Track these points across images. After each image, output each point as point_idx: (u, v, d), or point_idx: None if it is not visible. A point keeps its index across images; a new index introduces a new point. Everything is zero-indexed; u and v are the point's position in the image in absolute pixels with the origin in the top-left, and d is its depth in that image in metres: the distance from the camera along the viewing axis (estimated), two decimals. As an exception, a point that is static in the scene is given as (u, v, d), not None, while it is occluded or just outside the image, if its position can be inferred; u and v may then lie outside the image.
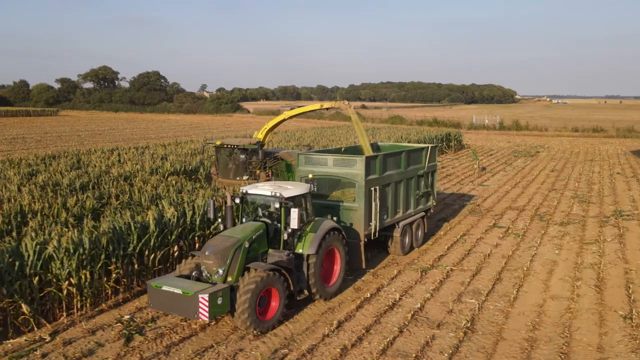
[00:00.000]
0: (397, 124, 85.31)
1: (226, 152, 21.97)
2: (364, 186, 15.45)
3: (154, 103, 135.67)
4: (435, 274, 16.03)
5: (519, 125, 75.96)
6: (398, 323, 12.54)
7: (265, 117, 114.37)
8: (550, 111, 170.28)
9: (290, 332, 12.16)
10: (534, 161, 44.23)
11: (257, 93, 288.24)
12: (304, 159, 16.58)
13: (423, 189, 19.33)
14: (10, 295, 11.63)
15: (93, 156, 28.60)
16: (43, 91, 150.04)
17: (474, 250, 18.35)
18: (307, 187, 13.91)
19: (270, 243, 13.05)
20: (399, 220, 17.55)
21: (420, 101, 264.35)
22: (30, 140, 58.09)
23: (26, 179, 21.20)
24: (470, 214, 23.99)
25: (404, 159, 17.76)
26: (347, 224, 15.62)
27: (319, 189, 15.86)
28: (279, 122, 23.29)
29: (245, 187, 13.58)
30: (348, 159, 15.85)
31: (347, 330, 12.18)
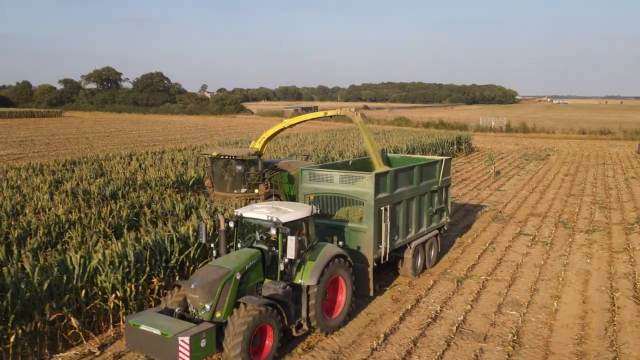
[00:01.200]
0: (403, 126, 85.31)
1: (222, 164, 20.25)
2: (373, 206, 14.13)
3: (157, 104, 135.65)
4: (471, 284, 16.06)
5: (526, 127, 76.00)
6: (444, 336, 12.56)
7: (269, 119, 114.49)
8: (552, 112, 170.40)
9: (337, 346, 12.18)
10: (546, 165, 44.26)
11: (258, 93, 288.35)
12: (308, 175, 15.24)
13: (437, 205, 17.95)
14: (59, 309, 11.65)
15: (113, 162, 28.60)
16: (46, 92, 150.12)
17: (505, 259, 18.37)
18: (308, 209, 12.49)
19: (267, 272, 11.79)
20: (411, 241, 16.26)
21: (421, 101, 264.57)
22: (39, 143, 58.07)
23: (54, 186, 21.19)
24: (494, 220, 24.01)
25: (417, 174, 16.47)
26: (354, 246, 14.36)
27: (324, 208, 14.80)
28: (278, 131, 21.71)
29: (240, 209, 12.35)
30: (356, 176, 14.61)
31: (394, 344, 12.21)
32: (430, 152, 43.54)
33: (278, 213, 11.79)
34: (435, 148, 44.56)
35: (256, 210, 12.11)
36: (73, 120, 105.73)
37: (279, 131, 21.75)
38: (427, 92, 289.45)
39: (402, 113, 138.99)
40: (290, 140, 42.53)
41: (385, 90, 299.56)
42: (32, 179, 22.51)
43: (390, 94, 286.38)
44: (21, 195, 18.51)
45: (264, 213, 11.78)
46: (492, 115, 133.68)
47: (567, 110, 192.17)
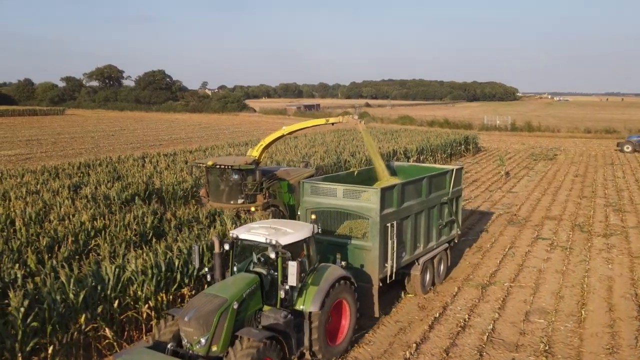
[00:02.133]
0: (407, 124, 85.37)
1: (217, 173, 19.15)
2: (378, 222, 13.26)
3: (160, 102, 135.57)
4: (496, 291, 16.09)
5: (530, 126, 76.02)
6: (475, 345, 12.60)
7: (272, 117, 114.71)
8: (554, 109, 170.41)
9: (369, 355, 12.22)
10: (555, 165, 44.29)
11: (258, 91, 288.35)
12: (310, 188, 14.31)
13: (447, 217, 17.04)
14: (94, 320, 11.69)
15: (127, 164, 28.61)
16: (48, 90, 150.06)
17: (526, 265, 18.40)
18: (309, 229, 11.56)
19: (266, 297, 10.95)
20: (419, 257, 15.41)
21: (422, 99, 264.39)
22: (46, 142, 58.12)
23: (72, 190, 21.20)
24: (510, 224, 24.04)
25: (426, 186, 15.55)
26: (358, 265, 13.59)
27: (327, 223, 13.98)
28: (276, 139, 20.68)
29: (235, 230, 11.42)
30: (360, 190, 13.70)
31: (427, 353, 12.25)
32: (439, 153, 43.61)
33: (277, 234, 10.93)
34: (444, 149, 44.57)
35: (253, 231, 11.16)
36: (76, 119, 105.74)
37: (277, 139, 20.74)
38: (428, 89, 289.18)
39: (404, 111, 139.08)
40: (299, 140, 42.53)
41: (386, 87, 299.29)
42: (49, 183, 22.49)
43: (391, 91, 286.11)
44: (43, 201, 18.51)
45: (262, 235, 10.91)
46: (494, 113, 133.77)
47: (568, 107, 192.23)
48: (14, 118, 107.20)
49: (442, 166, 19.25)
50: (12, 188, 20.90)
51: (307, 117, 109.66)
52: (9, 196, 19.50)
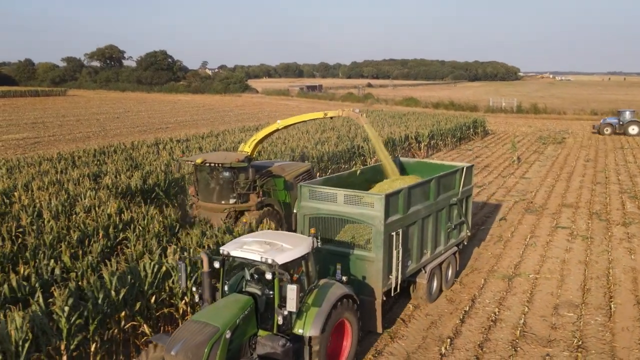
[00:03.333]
0: (412, 106, 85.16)
1: (207, 171, 17.60)
2: (382, 232, 12.20)
3: (161, 83, 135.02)
4: (522, 282, 16.18)
5: (537, 108, 75.80)
6: (508, 340, 12.71)
7: (275, 98, 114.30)
8: (557, 89, 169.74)
9: (404, 350, 12.33)
10: (564, 149, 44.26)
11: (259, 70, 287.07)
12: (308, 192, 13.18)
13: (456, 219, 16.02)
14: (132, 316, 11.77)
15: (141, 151, 28.55)
16: (49, 70, 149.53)
17: (549, 256, 18.48)
18: (308, 244, 10.44)
19: (261, 320, 9.96)
20: (426, 264, 14.41)
21: (423, 78, 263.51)
22: (52, 126, 58.02)
23: (92, 179, 21.17)
24: (527, 212, 24.10)
25: (434, 188, 14.44)
26: (359, 276, 12.59)
27: (326, 231, 12.97)
28: (270, 133, 19.48)
29: (226, 246, 10.21)
30: (363, 196, 12.60)
31: (461, 349, 12.36)
32: (449, 137, 43.52)
33: (273, 252, 9.77)
34: (453, 133, 44.48)
35: (246, 247, 9.98)
36: (78, 100, 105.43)
37: (271, 133, 19.52)
38: (429, 68, 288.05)
39: (406, 91, 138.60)
40: (310, 126, 42.36)
41: (387, 67, 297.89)
42: (69, 172, 22.47)
43: (392, 70, 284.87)
44: (66, 192, 18.50)
45: (256, 252, 9.77)
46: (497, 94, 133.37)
47: (571, 87, 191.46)
48: (16, 99, 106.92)
49: (451, 163, 18.15)
50: (34, 178, 20.87)
51: (310, 98, 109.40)
52: (31, 186, 19.47)
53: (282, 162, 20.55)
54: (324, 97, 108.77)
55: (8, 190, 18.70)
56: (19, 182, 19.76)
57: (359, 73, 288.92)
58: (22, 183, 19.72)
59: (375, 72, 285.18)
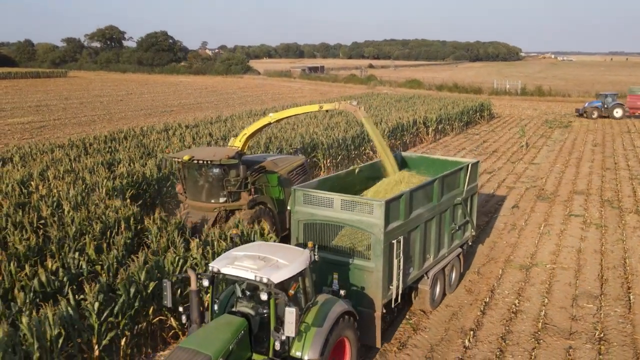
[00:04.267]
0: (415, 88, 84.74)
1: (195, 167, 16.41)
2: (382, 240, 11.35)
3: (163, 64, 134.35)
4: (539, 273, 16.29)
5: (541, 90, 75.50)
6: (530, 332, 12.82)
7: (277, 79, 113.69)
8: (559, 70, 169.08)
9: (427, 342, 12.46)
10: (571, 133, 44.22)
11: (259, 51, 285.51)
12: (303, 196, 12.29)
13: (460, 219, 15.20)
14: (160, 310, 11.87)
15: (152, 137, 28.49)
16: (49, 51, 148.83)
17: (564, 245, 18.57)
18: (305, 259, 9.61)
19: (256, 343, 9.24)
20: (429, 269, 13.62)
21: (424, 59, 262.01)
22: (56, 109, 57.90)
23: (106, 168, 21.16)
24: (539, 199, 24.16)
25: (437, 188, 13.56)
26: (358, 287, 11.76)
27: (322, 237, 12.14)
28: (262, 127, 18.34)
29: (216, 262, 9.34)
30: (361, 203, 11.73)
31: (484, 341, 12.49)
32: (456, 122, 43.42)
33: (268, 269, 8.96)
34: (460, 117, 44.39)
35: (238, 264, 9.13)
36: (80, 81, 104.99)
37: (263, 127, 18.39)
38: (431, 49, 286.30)
39: (408, 72, 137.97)
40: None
41: (388, 47, 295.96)
42: (82, 159, 22.47)
43: (393, 51, 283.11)
44: (83, 181, 18.51)
45: (250, 269, 8.95)
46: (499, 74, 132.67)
47: (573, 68, 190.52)
48: (17, 81, 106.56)
49: (455, 159, 17.39)
50: (48, 166, 20.88)
51: (313, 80, 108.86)
52: (47, 175, 19.49)
53: (274, 156, 19.41)
54: (326, 78, 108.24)
55: (25, 180, 18.72)
56: (34, 171, 19.76)
57: (359, 53, 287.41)
58: (38, 172, 19.72)
59: (376, 52, 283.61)
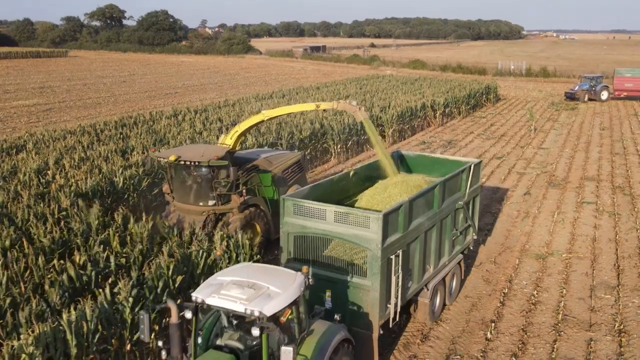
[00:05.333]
0: (419, 69, 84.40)
1: (182, 168, 15.38)
2: (380, 257, 10.41)
3: (163, 43, 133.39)
4: (555, 262, 16.42)
5: (546, 71, 75.13)
6: (550, 324, 12.98)
7: (279, 59, 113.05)
8: (562, 49, 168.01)
9: (449, 334, 12.62)
10: (578, 116, 44.17)
11: (259, 29, 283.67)
12: (292, 206, 11.32)
13: (462, 224, 14.37)
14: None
15: (162, 123, 28.46)
16: (48, 30, 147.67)
17: (578, 233, 18.69)
18: (299, 285, 8.51)
19: None
20: (429, 281, 12.71)
21: (425, 37, 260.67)
22: (59, 91, 57.67)
23: (121, 155, 21.19)
24: (550, 186, 24.24)
25: (438, 194, 12.71)
26: (353, 306, 10.81)
27: (314, 251, 11.22)
28: (254, 125, 17.19)
29: (199, 292, 8.21)
30: (357, 215, 10.68)
31: (505, 333, 12.65)
32: (463, 105, 43.30)
33: (258, 300, 7.90)
34: (468, 100, 44.29)
35: (224, 293, 8.03)
36: (81, 61, 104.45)
37: (255, 125, 17.29)
38: (432, 27, 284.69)
39: (410, 51, 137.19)
40: (323, 93, 42.14)
41: (389, 26, 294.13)
42: (95, 147, 22.50)
43: (394, 29, 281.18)
44: (99, 171, 18.53)
45: (238, 300, 7.85)
46: (501, 54, 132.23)
47: (576, 47, 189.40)
48: (18, 60, 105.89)
49: (456, 158, 16.56)
50: (62, 155, 20.91)
51: (315, 60, 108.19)
52: (62, 164, 19.53)
53: (268, 153, 18.31)
54: (328, 58, 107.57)
55: (41, 169, 18.77)
56: (49, 160, 19.79)
57: (360, 32, 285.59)
58: (53, 160, 19.75)
59: (377, 31, 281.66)
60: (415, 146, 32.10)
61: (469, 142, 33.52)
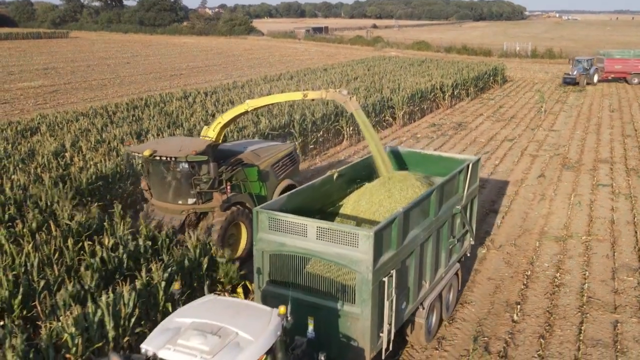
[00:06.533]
0: (424, 50, 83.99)
1: (159, 164, 13.85)
2: (371, 281, 8.80)
3: (165, 24, 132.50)
4: (575, 245, 16.46)
5: (552, 53, 74.73)
6: (575, 306, 13.06)
7: (282, 40, 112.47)
8: (565, 30, 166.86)
9: (475, 316, 12.69)
10: (587, 97, 44.02)
11: (260, 10, 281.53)
12: (268, 220, 9.59)
13: (459, 231, 12.82)
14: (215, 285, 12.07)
15: (174, 105, 28.36)
16: (48, 11, 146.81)
17: (596, 216, 18.72)
18: (275, 328, 6.90)
19: None
20: (424, 298, 11.02)
21: (427, 18, 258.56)
22: (64, 72, 57.44)
23: (136, 137, 21.13)
24: (564, 168, 24.23)
25: (435, 200, 11.07)
26: (340, 335, 9.22)
27: (293, 272, 9.60)
28: (238, 115, 15.90)
29: (150, 340, 6.64)
30: (344, 233, 9.00)
31: (531, 315, 12.72)
32: (471, 87, 43.12)
33: (225, 352, 6.35)
34: (476, 82, 44.09)
35: (182, 344, 6.47)
36: (82, 43, 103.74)
37: (239, 115, 16.00)
38: (434, 8, 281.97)
39: (413, 33, 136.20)
40: (332, 75, 41.90)
41: (390, 6, 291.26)
42: (110, 129, 22.45)
43: (396, 10, 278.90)
44: (117, 153, 18.52)
45: (199, 353, 6.28)
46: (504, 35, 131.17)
47: (579, 28, 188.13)
48: (19, 42, 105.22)
49: (450, 155, 14.95)
50: (77, 137, 20.87)
51: (318, 41, 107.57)
52: (79, 146, 19.50)
53: (257, 144, 16.82)
54: (331, 40, 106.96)
55: (58, 151, 18.74)
56: (66, 142, 19.76)
57: (361, 13, 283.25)
58: (69, 142, 19.72)
59: (379, 11, 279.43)
60: (425, 128, 32.04)
61: (479, 124, 33.43)
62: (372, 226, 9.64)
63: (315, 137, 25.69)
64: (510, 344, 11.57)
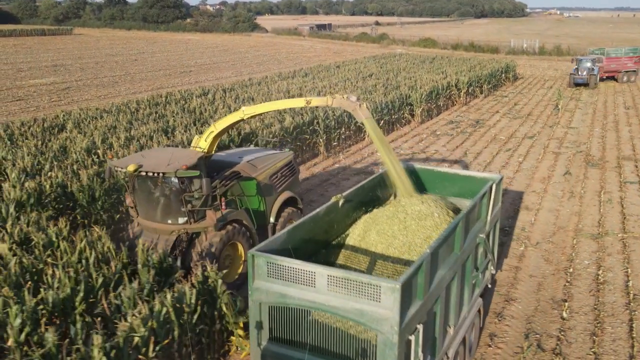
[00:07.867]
0: (430, 47, 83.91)
1: (145, 179, 12.13)
2: (397, 343, 7.03)
3: (168, 21, 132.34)
4: (612, 242, 16.44)
5: (560, 50, 74.72)
6: (621, 303, 13.04)
7: (286, 37, 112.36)
8: (568, 27, 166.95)
9: (523, 313, 12.68)
10: (599, 95, 44.02)
11: (261, 7, 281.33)
12: (266, 265, 7.92)
13: (481, 261, 11.27)
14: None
15: (193, 102, 28.29)
16: (51, 7, 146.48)
17: (629, 213, 18.70)
18: None
19: None
20: (449, 347, 9.22)
21: (429, 15, 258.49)
22: (73, 69, 57.41)
23: (164, 135, 21.10)
24: (589, 166, 24.21)
25: (460, 232, 9.46)
26: None
27: (299, 328, 7.94)
28: (233, 124, 13.90)
29: None
30: (362, 284, 7.20)
31: (579, 312, 12.71)
32: (485, 84, 43.08)
33: None
34: (489, 80, 44.08)
35: None
36: (87, 40, 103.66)
37: (234, 124, 14.02)
38: (435, 5, 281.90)
39: (415, 30, 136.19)
40: (348, 72, 41.77)
41: (391, 3, 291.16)
42: (137, 127, 22.40)
43: (397, 7, 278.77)
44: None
45: None
46: (507, 32, 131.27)
47: (581, 25, 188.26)
48: (24, 38, 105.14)
49: (470, 173, 13.20)
50: (106, 135, 20.83)
51: (323, 38, 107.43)
52: (110, 142, 19.46)
53: (254, 153, 15.29)
54: (336, 37, 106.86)
55: (89, 148, 18.70)
56: (96, 139, 19.72)
57: (362, 10, 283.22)
58: (100, 139, 19.69)
59: (380, 8, 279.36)
60: (443, 125, 32.00)
61: (497, 122, 33.40)
62: (386, 263, 8.54)
63: (338, 134, 25.65)
64: (563, 341, 11.58)
